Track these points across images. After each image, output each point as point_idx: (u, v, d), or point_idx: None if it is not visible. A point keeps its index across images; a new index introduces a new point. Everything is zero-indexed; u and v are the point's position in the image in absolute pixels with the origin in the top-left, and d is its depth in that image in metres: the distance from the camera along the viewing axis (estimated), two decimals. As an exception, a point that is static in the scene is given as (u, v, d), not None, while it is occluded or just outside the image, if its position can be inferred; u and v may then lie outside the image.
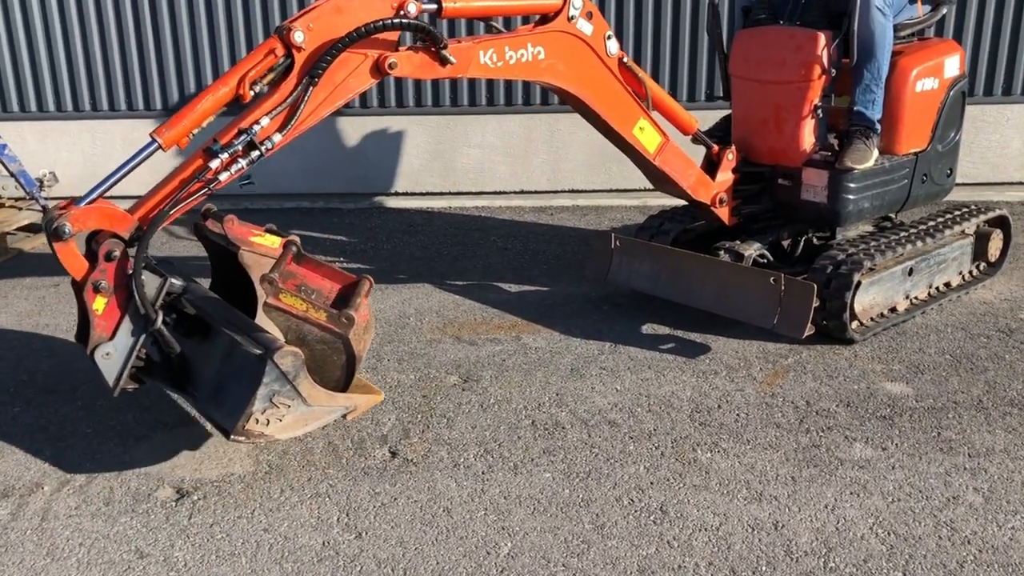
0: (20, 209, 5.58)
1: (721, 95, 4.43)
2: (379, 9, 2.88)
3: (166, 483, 2.85)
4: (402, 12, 2.89)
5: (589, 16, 3.40)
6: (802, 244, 4.20)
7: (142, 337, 2.67)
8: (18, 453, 3.04)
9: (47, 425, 3.23)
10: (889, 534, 2.53)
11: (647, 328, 3.98)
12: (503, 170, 6.20)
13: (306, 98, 2.80)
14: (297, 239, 2.89)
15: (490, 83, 6.02)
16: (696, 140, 4.03)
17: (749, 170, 4.04)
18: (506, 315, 4.16)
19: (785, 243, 4.19)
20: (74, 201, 2.65)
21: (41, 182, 5.58)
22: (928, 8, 4.04)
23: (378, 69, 2.92)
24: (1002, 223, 4.45)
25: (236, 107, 2.82)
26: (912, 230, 4.06)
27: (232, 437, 2.59)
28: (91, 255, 2.63)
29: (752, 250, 3.92)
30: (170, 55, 6.05)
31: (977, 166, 6.05)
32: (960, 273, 4.31)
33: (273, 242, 2.86)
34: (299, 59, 2.82)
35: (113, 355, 2.65)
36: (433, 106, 6.08)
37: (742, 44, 4.03)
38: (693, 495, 2.72)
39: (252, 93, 2.76)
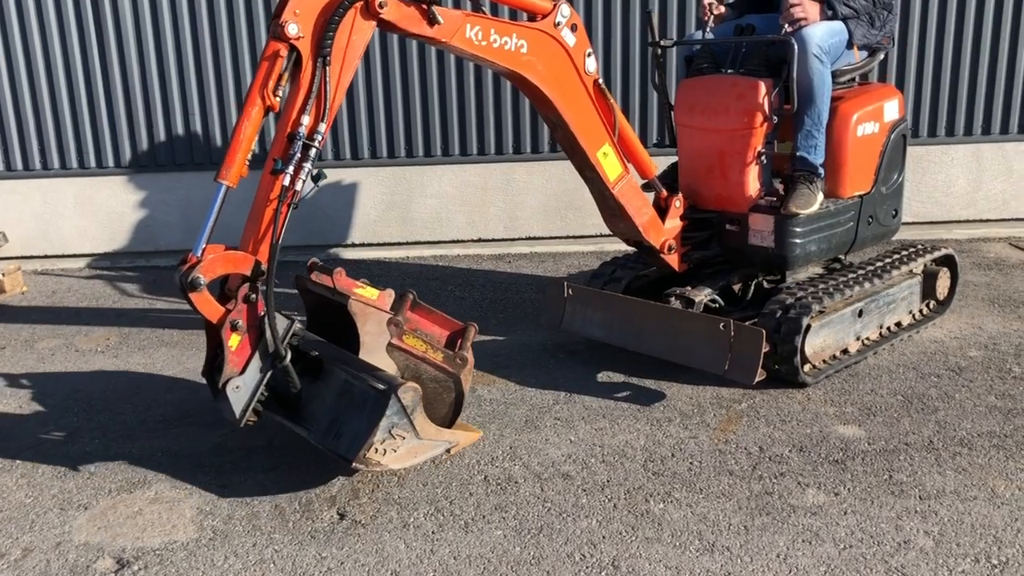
0: (-32, 270, 5.48)
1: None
2: None
3: (106, 554, 2.76)
4: None
5: (574, 28, 3.49)
6: (753, 288, 4.23)
7: (268, 373, 2.92)
8: (-48, 527, 2.94)
9: (-16, 496, 3.13)
10: (841, 582, 2.51)
11: (602, 376, 3.97)
12: (460, 219, 6.21)
13: (327, 78, 2.90)
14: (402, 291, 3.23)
15: (445, 133, 6.07)
16: (647, 186, 4.07)
17: (697, 216, 4.08)
18: (461, 367, 4.13)
19: (736, 287, 4.22)
20: (192, 253, 2.88)
21: (-10, 242, 5.49)
22: (865, 54, 4.14)
23: (368, 10, 2.97)
24: (949, 262, 4.52)
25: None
26: (860, 271, 4.11)
27: (354, 465, 2.78)
28: (222, 297, 2.95)
29: (703, 296, 3.94)
30: (122, 113, 6.02)
31: (925, 205, 6.17)
32: (910, 312, 4.35)
33: (372, 294, 3.14)
34: (303, 48, 2.92)
35: (242, 388, 2.88)
36: (388, 157, 6.09)
37: (686, 93, 4.09)
38: (645, 548, 2.69)
39: (278, 99, 2.90)
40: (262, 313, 2.88)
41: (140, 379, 4.15)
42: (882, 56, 4.29)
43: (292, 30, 2.86)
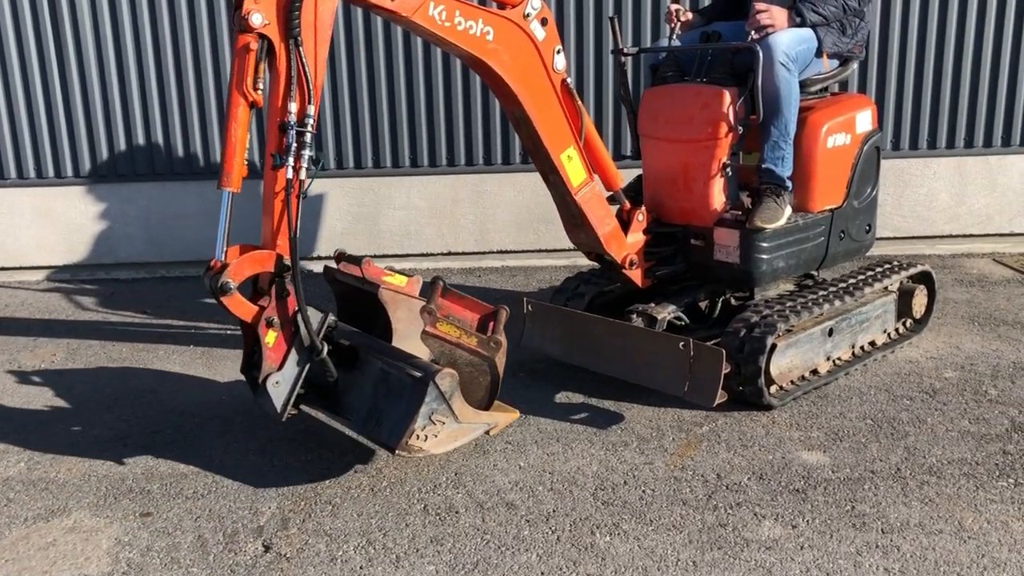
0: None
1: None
2: None
3: (10, 589, 2.59)
4: None
5: (544, 23, 3.37)
6: (720, 305, 4.07)
7: (306, 367, 2.95)
8: None
9: None
10: (793, 625, 2.33)
11: (560, 397, 3.80)
12: (429, 232, 6.05)
13: (303, 59, 2.83)
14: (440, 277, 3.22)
15: (413, 143, 5.91)
16: (612, 199, 3.91)
17: (661, 231, 3.91)
18: (415, 386, 3.95)
19: (703, 305, 4.05)
20: (215, 259, 2.89)
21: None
22: (836, 63, 3.98)
23: None
24: (926, 279, 4.36)
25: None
26: (832, 288, 3.94)
27: (397, 452, 2.83)
28: (254, 295, 2.97)
29: (666, 313, 3.77)
30: (81, 121, 5.85)
31: (907, 220, 6.01)
32: (885, 331, 4.18)
33: (401, 281, 3.16)
34: (272, 34, 2.81)
35: (281, 383, 2.92)
36: (355, 168, 5.93)
37: (649, 102, 3.94)
38: (586, 586, 2.51)
39: (259, 92, 2.83)
40: (295, 308, 2.89)
41: (79, 397, 3.97)
42: (854, 65, 4.14)
43: (256, 20, 2.77)
